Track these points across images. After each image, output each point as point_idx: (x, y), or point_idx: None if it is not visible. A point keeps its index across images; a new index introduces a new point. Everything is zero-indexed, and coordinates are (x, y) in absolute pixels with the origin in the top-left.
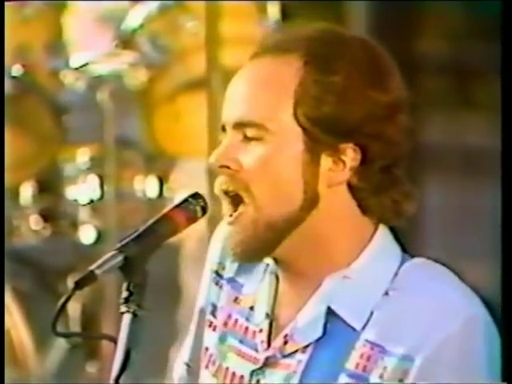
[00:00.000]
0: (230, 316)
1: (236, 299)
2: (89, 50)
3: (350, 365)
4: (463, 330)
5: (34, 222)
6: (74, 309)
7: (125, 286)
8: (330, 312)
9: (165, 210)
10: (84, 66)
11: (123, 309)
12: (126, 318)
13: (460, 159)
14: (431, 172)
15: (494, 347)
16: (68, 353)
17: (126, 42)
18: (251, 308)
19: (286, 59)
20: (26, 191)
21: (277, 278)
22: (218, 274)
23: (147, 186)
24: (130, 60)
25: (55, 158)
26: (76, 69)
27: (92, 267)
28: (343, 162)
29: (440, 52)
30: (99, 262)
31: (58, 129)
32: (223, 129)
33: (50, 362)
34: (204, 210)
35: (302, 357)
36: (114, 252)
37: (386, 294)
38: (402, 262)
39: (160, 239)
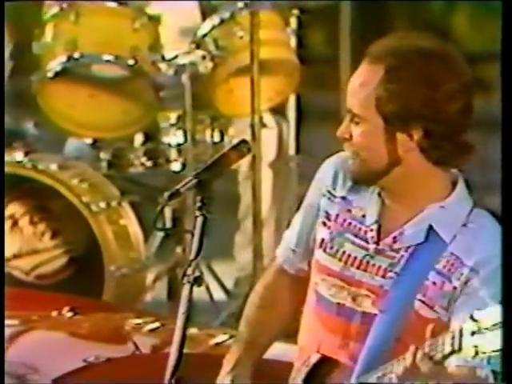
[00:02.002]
0: (345, 220)
1: (349, 210)
2: (176, 49)
3: (439, 266)
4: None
5: (143, 158)
6: (167, 212)
7: (198, 198)
8: (430, 228)
9: (224, 150)
10: (173, 58)
11: (197, 213)
12: (199, 220)
13: None
14: None
15: None
16: (164, 240)
17: (198, 43)
18: (363, 216)
19: (376, 68)
20: (138, 139)
21: (382, 201)
22: (330, 193)
23: (213, 135)
24: (201, 55)
25: (155, 118)
26: (168, 60)
27: (178, 186)
28: (412, 136)
29: None
30: (182, 183)
31: (157, 99)
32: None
33: (153, 247)
34: (249, 150)
35: (405, 253)
36: (191, 177)
37: (465, 225)
38: (473, 207)
39: (221, 169)
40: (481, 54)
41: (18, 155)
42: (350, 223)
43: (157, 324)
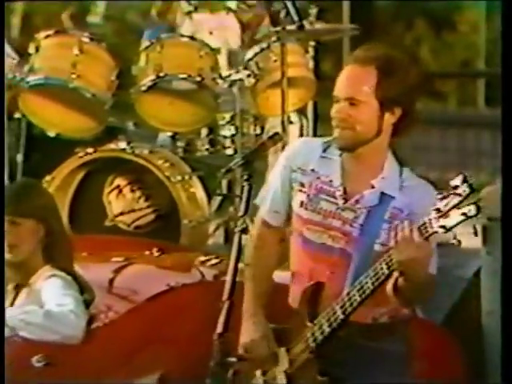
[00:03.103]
0: (317, 185)
1: (318, 177)
2: (228, 70)
3: (387, 216)
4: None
5: (207, 145)
6: (224, 183)
7: (245, 173)
8: (382, 193)
9: (262, 140)
10: (227, 76)
11: (244, 184)
12: (246, 188)
13: None
14: None
15: None
16: (221, 202)
17: (245, 65)
18: (330, 181)
19: (367, 69)
20: (203, 132)
21: (343, 167)
22: (301, 169)
23: (256, 129)
24: (247, 73)
25: (215, 118)
26: (223, 78)
27: (231, 165)
28: (394, 113)
29: None
30: (234, 162)
31: (216, 105)
32: (335, 98)
33: (214, 206)
34: (280, 139)
35: (365, 210)
36: (239, 158)
37: (401, 187)
38: (401, 167)
39: (261, 152)
40: (439, 73)
41: (122, 144)
42: (321, 187)
43: (217, 260)
